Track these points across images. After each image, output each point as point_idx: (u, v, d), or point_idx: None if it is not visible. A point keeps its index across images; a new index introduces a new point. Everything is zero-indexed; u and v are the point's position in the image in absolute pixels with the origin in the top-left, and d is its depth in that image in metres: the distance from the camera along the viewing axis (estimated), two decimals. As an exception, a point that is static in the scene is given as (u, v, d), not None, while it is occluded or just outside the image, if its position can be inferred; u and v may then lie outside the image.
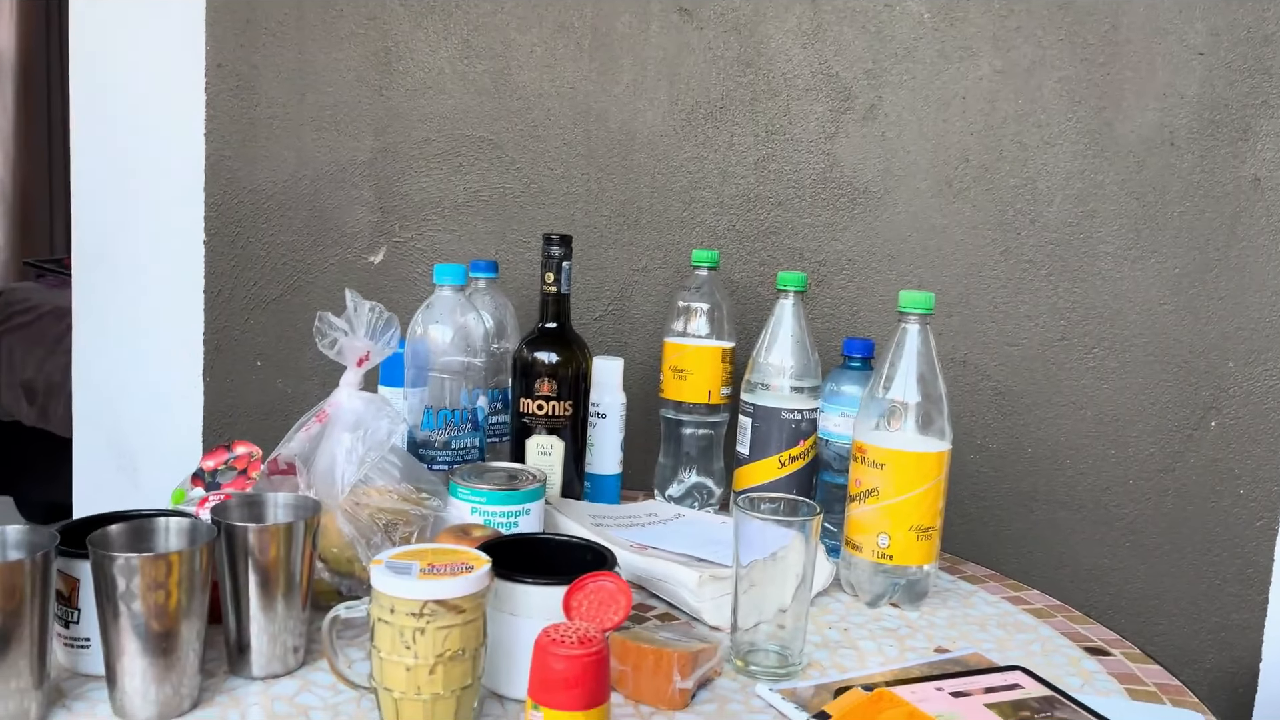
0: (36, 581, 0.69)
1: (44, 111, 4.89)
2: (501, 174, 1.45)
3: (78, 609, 0.77)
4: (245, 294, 1.51)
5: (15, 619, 0.68)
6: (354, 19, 1.45)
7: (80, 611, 0.77)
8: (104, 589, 0.71)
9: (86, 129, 1.53)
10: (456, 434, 1.12)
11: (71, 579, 0.76)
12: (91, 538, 0.72)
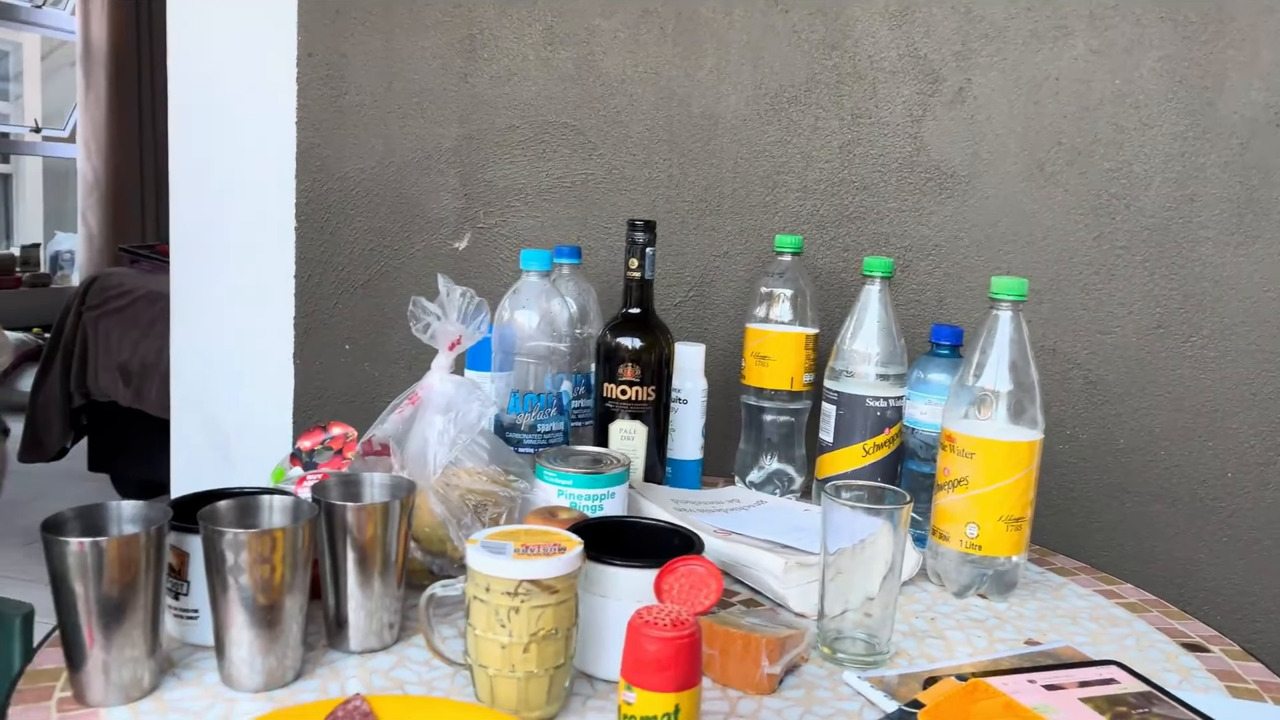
0: (151, 555, 0.72)
1: (134, 102, 5.05)
2: (584, 160, 1.46)
3: (187, 581, 0.80)
4: (334, 279, 1.55)
5: (131, 590, 0.71)
6: (440, 7, 1.47)
7: (189, 584, 0.80)
8: (213, 562, 0.74)
9: (183, 119, 1.58)
10: (542, 418, 1.13)
11: (182, 553, 0.79)
12: (202, 513, 0.75)
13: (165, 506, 0.76)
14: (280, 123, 1.53)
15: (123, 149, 5.05)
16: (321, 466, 0.95)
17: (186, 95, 1.57)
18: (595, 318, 1.29)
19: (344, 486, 0.86)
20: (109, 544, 0.70)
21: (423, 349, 0.98)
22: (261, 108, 1.54)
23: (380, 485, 0.87)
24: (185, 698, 0.74)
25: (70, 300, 3.21)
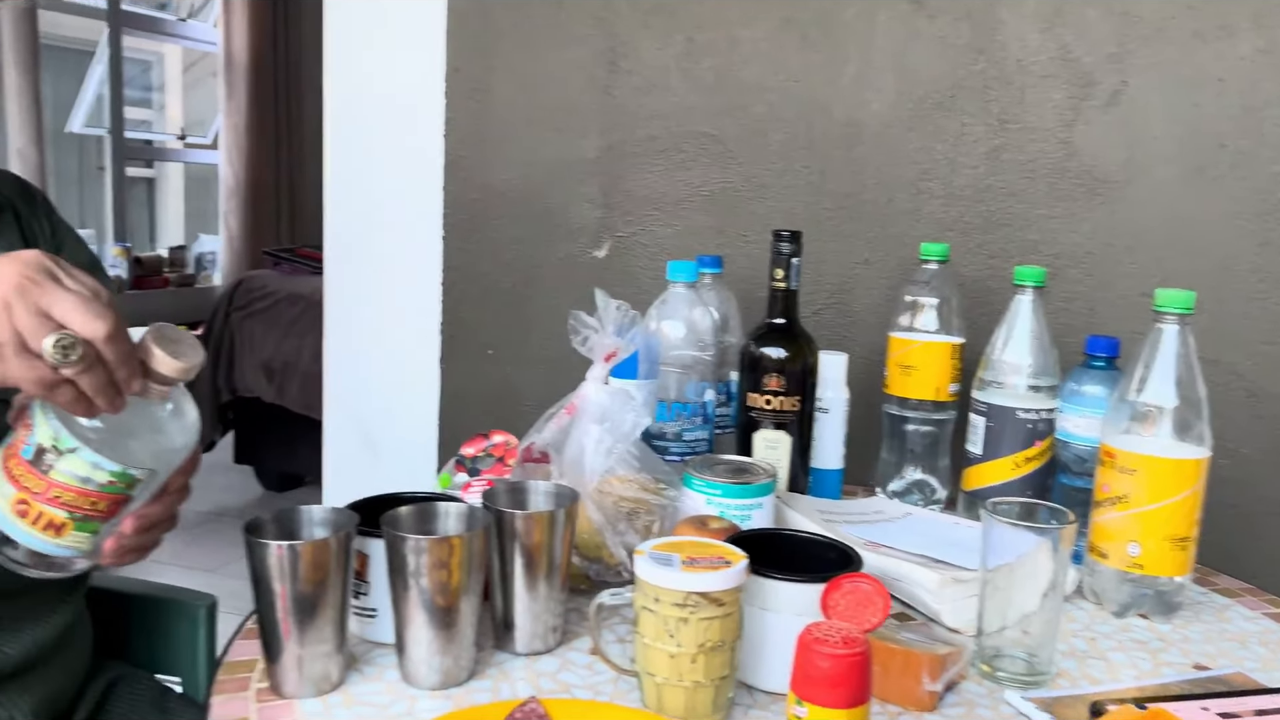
0: (340, 557, 0.77)
1: (271, 110, 5.29)
2: (723, 169, 1.47)
3: (367, 581, 0.84)
4: (478, 286, 1.60)
5: (322, 589, 0.76)
6: (583, 21, 1.50)
7: (369, 584, 0.84)
8: (396, 565, 0.78)
9: (337, 132, 1.66)
10: (688, 426, 1.15)
11: (363, 555, 0.84)
12: (384, 518, 0.79)
13: (352, 513, 0.80)
14: (428, 135, 1.59)
15: (261, 155, 5.29)
16: (485, 473, 0.99)
17: (341, 109, 1.65)
18: (736, 326, 1.31)
19: (511, 494, 0.89)
20: (303, 548, 0.75)
21: (561, 355, 1.01)
22: (411, 121, 1.60)
23: (545, 493, 0.90)
24: (370, 693, 0.79)
25: (219, 301, 3.39)
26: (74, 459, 0.68)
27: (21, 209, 0.95)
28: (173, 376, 0.70)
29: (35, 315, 0.63)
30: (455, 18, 1.55)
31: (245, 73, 5.14)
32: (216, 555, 3.06)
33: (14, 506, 0.69)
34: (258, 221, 5.29)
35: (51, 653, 0.90)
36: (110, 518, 0.72)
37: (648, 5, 1.46)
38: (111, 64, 4.75)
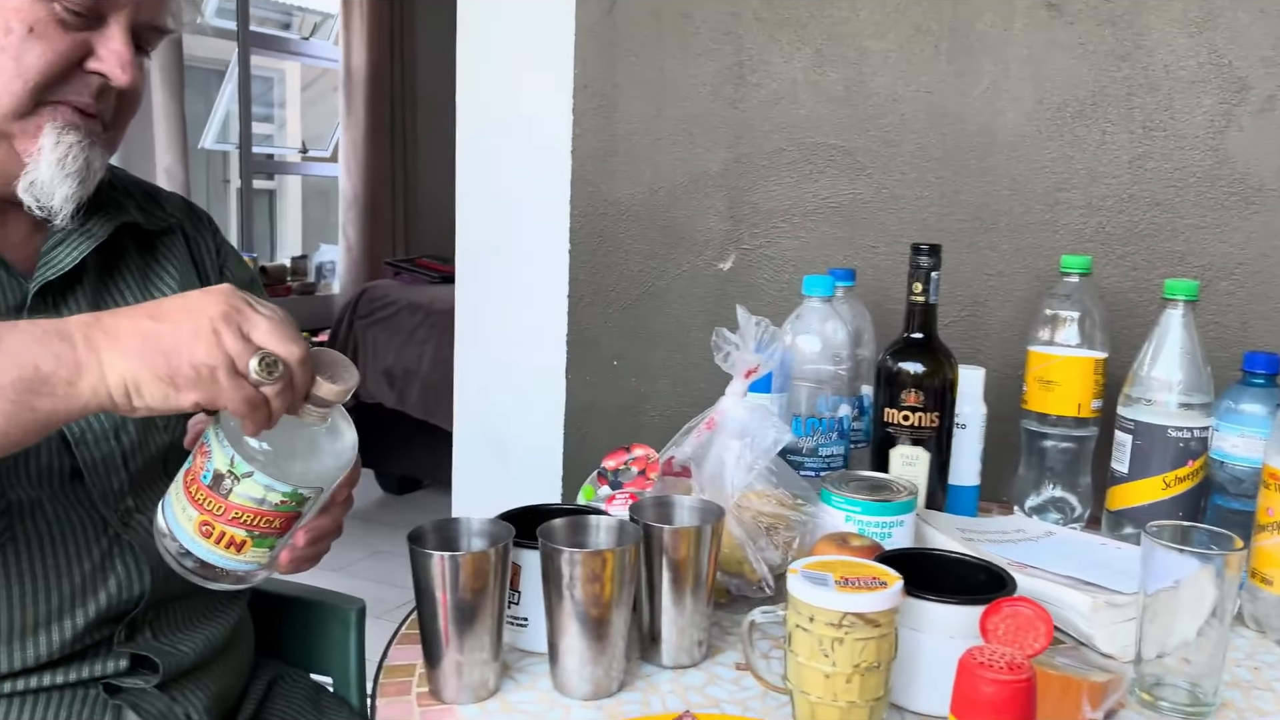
0: (498, 568, 0.79)
1: (388, 124, 5.45)
2: (852, 180, 1.46)
3: (519, 591, 0.87)
4: (604, 298, 1.63)
5: (481, 599, 0.79)
6: (710, 35, 1.51)
7: (521, 594, 0.87)
8: (550, 577, 0.80)
9: (469, 149, 1.70)
10: (824, 442, 1.15)
11: (515, 565, 0.86)
12: (540, 531, 0.81)
13: (508, 525, 0.83)
14: (556, 151, 1.62)
15: (377, 167, 5.46)
16: (627, 486, 1.00)
17: (472, 126, 1.70)
18: (870, 340, 1.30)
19: (657, 508, 0.91)
20: (464, 558, 0.78)
21: (685, 366, 1.02)
22: (539, 138, 1.64)
23: (690, 508, 0.91)
24: (524, 701, 0.81)
25: (343, 310, 3.51)
26: (250, 483, 0.72)
27: (189, 230, 1.01)
28: (331, 400, 0.74)
29: (241, 340, 0.67)
30: (583, 35, 1.58)
31: (363, 87, 5.32)
32: (343, 555, 3.16)
33: (199, 528, 0.74)
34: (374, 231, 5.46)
35: (221, 652, 0.95)
36: (284, 533, 0.76)
37: (775, 19, 1.47)
38: (240, 83, 4.97)
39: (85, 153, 0.82)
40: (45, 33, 0.79)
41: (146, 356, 0.66)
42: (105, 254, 0.91)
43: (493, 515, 0.86)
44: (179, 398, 0.67)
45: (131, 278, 0.93)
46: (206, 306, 0.68)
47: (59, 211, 0.83)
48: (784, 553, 0.98)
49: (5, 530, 0.79)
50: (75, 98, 0.82)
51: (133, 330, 0.67)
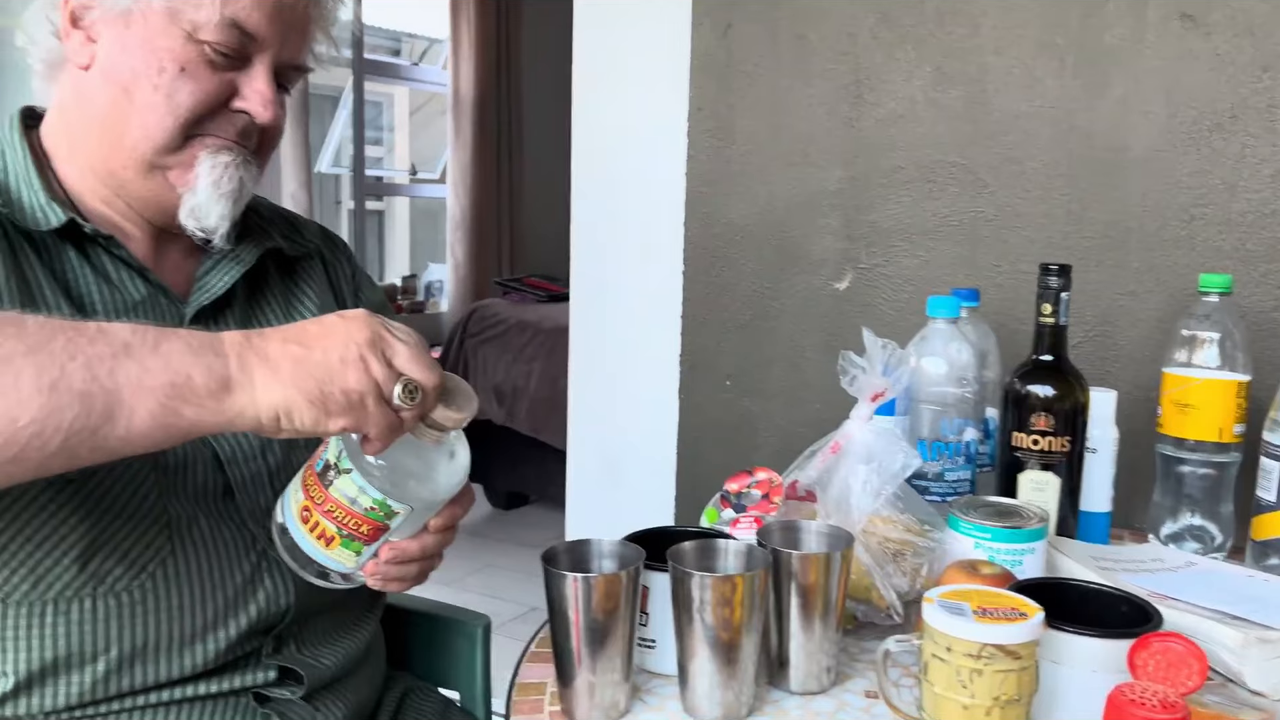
0: (629, 590, 0.80)
1: (494, 146, 5.58)
2: (973, 198, 1.44)
3: (647, 613, 0.87)
4: (718, 318, 1.63)
5: (613, 620, 0.80)
6: (826, 55, 1.51)
7: (649, 616, 0.87)
8: (680, 600, 0.80)
9: (584, 171, 1.73)
10: (950, 466, 1.13)
11: (644, 587, 0.87)
12: (670, 554, 0.82)
13: (639, 548, 0.84)
14: (670, 173, 1.64)
15: (484, 188, 5.58)
16: (750, 509, 1.00)
17: (586, 149, 1.73)
18: (996, 362, 1.27)
19: (785, 533, 0.90)
20: (597, 580, 0.79)
21: (800, 387, 1.01)
22: (653, 159, 1.65)
23: (818, 533, 0.90)
24: (655, 722, 0.81)
25: (454, 328, 3.60)
26: (347, 479, 0.75)
27: (327, 255, 1.05)
28: (448, 426, 0.76)
29: (386, 366, 0.70)
30: (699, 59, 1.59)
31: (471, 110, 5.45)
32: (452, 570, 3.23)
33: (300, 511, 0.77)
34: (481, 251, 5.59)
35: (358, 664, 0.98)
36: (370, 542, 0.78)
37: (893, 37, 1.46)
38: (355, 108, 5.14)
39: (239, 172, 0.87)
40: (195, 72, 0.83)
41: (300, 383, 0.68)
42: (252, 279, 0.95)
43: (607, 535, 0.86)
44: (329, 423, 0.69)
45: (275, 301, 0.98)
46: (352, 333, 0.70)
47: (215, 230, 0.87)
48: (911, 580, 0.97)
49: (165, 545, 0.83)
50: (221, 134, 0.86)
51: (283, 354, 0.69)
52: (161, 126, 0.84)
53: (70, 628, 0.80)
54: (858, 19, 1.48)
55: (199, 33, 0.83)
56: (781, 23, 1.53)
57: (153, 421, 0.66)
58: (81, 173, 0.88)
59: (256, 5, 0.84)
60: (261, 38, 0.85)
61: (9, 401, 0.62)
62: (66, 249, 0.85)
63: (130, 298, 0.87)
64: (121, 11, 0.83)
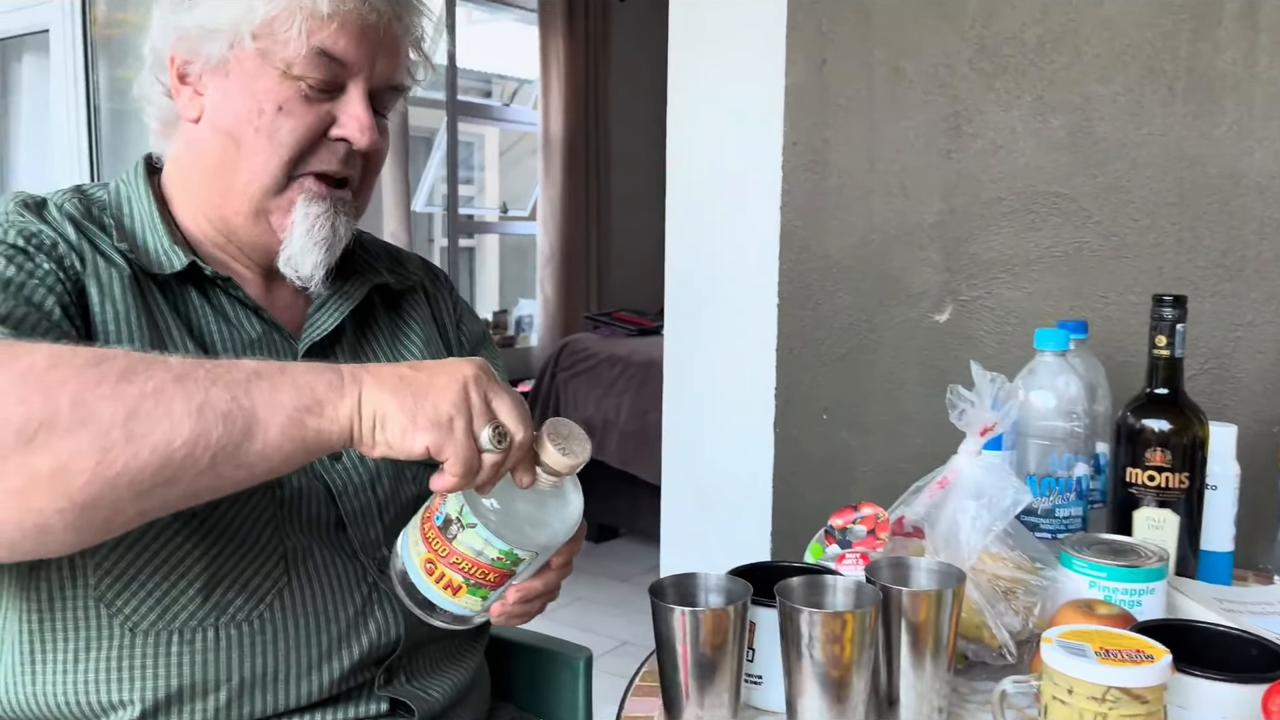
0: (737, 625, 0.80)
1: (583, 183, 5.67)
2: (1077, 228, 1.41)
3: (753, 649, 0.87)
4: (814, 352, 1.62)
5: (720, 655, 0.80)
6: (923, 88, 1.50)
7: (756, 651, 0.87)
8: (789, 636, 0.80)
9: (678, 205, 1.75)
10: (1060, 502, 1.10)
11: (750, 622, 0.86)
12: (778, 589, 0.82)
13: (746, 582, 0.83)
14: (765, 207, 1.64)
15: (573, 224, 5.67)
16: (856, 545, 0.99)
17: (681, 184, 1.75)
18: (1105, 395, 1.24)
19: (894, 569, 0.89)
20: (704, 614, 0.79)
21: (899, 420, 1.00)
22: (748, 193, 1.66)
23: (928, 570, 0.89)
24: (764, 759, 0.81)
25: (546, 362, 3.65)
26: (472, 533, 0.76)
27: (429, 288, 1.08)
28: (560, 471, 0.77)
29: (484, 403, 0.72)
30: (793, 94, 1.60)
31: (560, 149, 5.55)
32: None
33: (424, 564, 0.79)
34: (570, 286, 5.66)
35: (465, 695, 0.99)
36: (497, 587, 0.80)
37: (992, 68, 1.44)
38: (449, 148, 5.29)
39: (330, 220, 0.89)
40: (292, 109, 0.87)
41: (399, 393, 0.71)
42: (360, 314, 0.98)
43: (701, 568, 0.86)
44: (414, 436, 0.71)
45: (382, 335, 1.01)
46: (462, 367, 0.73)
47: (311, 278, 0.91)
48: (1024, 619, 0.94)
49: (282, 576, 0.86)
50: (324, 166, 0.89)
51: (392, 372, 0.73)
52: (267, 167, 0.87)
53: (194, 657, 0.82)
54: (955, 51, 1.47)
55: (292, 68, 0.85)
56: (877, 57, 1.53)
57: (283, 435, 0.69)
58: (196, 219, 0.92)
59: (341, 31, 0.86)
60: (351, 63, 0.87)
61: (164, 427, 0.65)
62: (188, 290, 0.89)
63: (247, 336, 0.90)
64: (220, 61, 0.87)
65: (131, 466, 0.64)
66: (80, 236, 0.85)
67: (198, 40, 0.87)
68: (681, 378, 1.79)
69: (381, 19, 0.88)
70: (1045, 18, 1.40)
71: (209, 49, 0.87)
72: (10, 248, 0.80)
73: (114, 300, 0.83)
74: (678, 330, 1.79)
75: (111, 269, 0.84)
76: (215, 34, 0.86)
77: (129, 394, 0.65)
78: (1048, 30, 1.40)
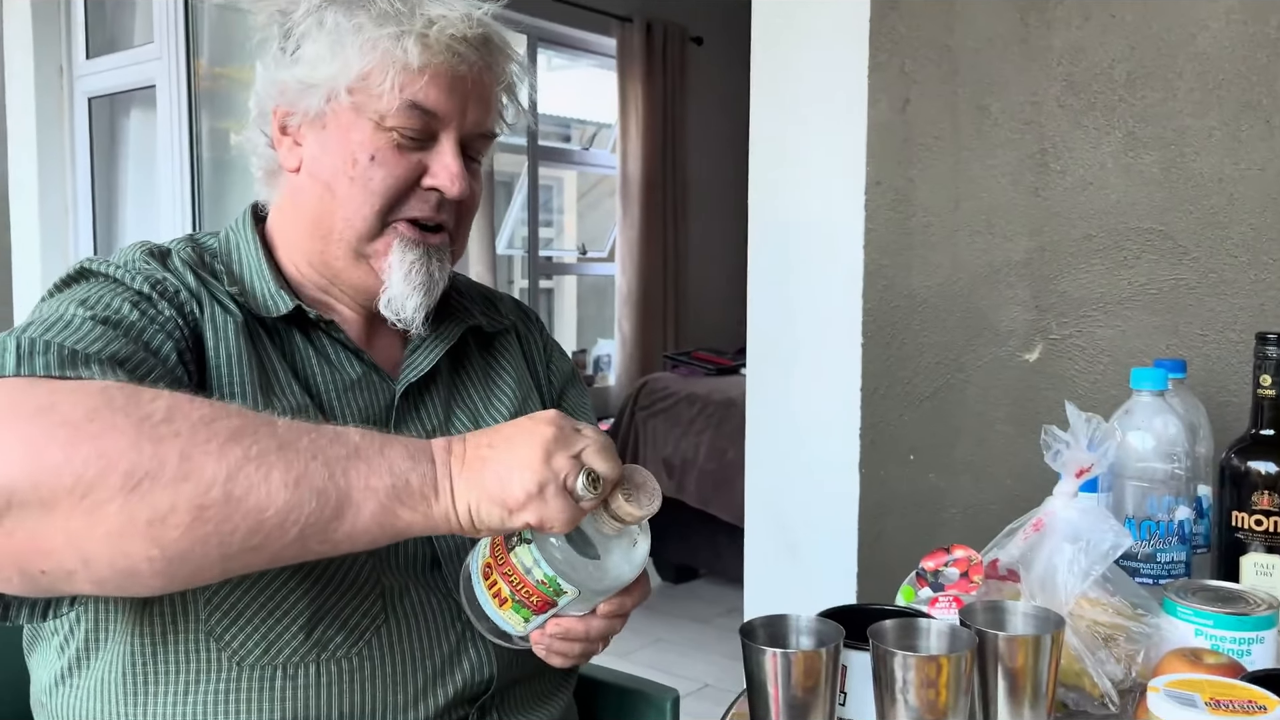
0: (829, 667, 0.79)
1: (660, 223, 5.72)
2: (1173, 265, 1.38)
3: (844, 692, 0.86)
4: (900, 391, 1.61)
5: (812, 697, 0.79)
6: (1009, 126, 1.49)
7: (847, 694, 0.86)
8: (882, 680, 0.79)
9: (760, 245, 1.76)
10: (1162, 547, 1.07)
11: (843, 665, 0.86)
12: (871, 631, 0.81)
13: (837, 625, 0.83)
14: (849, 245, 1.64)
15: (651, 265, 5.71)
16: (949, 589, 0.98)
17: (763, 224, 1.75)
18: (1207, 436, 1.20)
19: (990, 613, 0.87)
20: (796, 656, 0.79)
21: (989, 462, 0.98)
22: (831, 233, 1.66)
23: (1025, 615, 0.87)
24: (858, 806, 0.79)
25: (626, 401, 3.67)
26: (526, 550, 0.78)
27: (521, 329, 1.11)
28: (626, 520, 0.78)
29: (570, 456, 0.73)
30: (875, 132, 1.60)
31: (638, 191, 5.62)
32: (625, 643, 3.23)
33: (483, 567, 0.81)
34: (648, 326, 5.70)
35: (555, 732, 1.00)
36: (539, 612, 0.81)
37: (1081, 105, 1.43)
38: (529, 192, 5.39)
39: (425, 265, 0.92)
40: (385, 158, 0.89)
41: (486, 483, 0.72)
42: (454, 354, 1.01)
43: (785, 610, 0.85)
44: (512, 519, 0.73)
45: (476, 375, 1.03)
46: (538, 430, 0.74)
47: (412, 321, 0.93)
48: (1127, 666, 0.92)
49: (380, 614, 0.88)
50: (417, 213, 0.91)
51: (476, 457, 0.74)
52: (361, 214, 0.90)
53: (297, 693, 0.84)
54: (1042, 88, 1.46)
55: (385, 120, 0.88)
56: (961, 95, 1.53)
57: (373, 521, 0.70)
58: (299, 263, 0.95)
59: (432, 84, 0.88)
60: (442, 114, 0.90)
61: (260, 494, 0.67)
62: (293, 333, 0.92)
63: (348, 377, 0.93)
64: (317, 114, 0.90)
65: (223, 528, 0.66)
66: (199, 283, 0.89)
67: (297, 95, 0.91)
68: (764, 417, 1.79)
69: (472, 70, 0.91)
70: (1134, 53, 1.39)
71: (307, 103, 0.90)
72: (136, 293, 0.84)
73: (227, 343, 0.87)
74: (760, 370, 1.79)
75: (226, 314, 0.88)
76: (313, 89, 0.90)
77: (233, 456, 0.67)
78: (1138, 66, 1.39)
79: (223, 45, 3.22)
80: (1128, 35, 1.39)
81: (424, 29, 0.87)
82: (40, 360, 0.71)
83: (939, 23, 1.55)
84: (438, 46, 0.88)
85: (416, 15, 0.88)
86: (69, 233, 3.38)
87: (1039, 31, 1.46)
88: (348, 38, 0.88)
